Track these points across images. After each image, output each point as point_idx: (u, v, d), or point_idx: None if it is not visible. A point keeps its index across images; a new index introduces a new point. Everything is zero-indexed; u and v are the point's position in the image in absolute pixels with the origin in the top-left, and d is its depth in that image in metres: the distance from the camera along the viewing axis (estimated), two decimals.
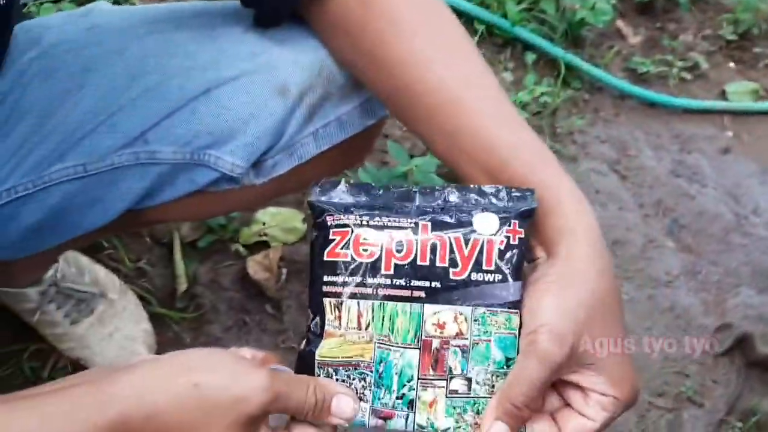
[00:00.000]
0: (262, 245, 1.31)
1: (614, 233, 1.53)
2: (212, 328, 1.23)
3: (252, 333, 1.24)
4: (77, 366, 1.12)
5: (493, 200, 0.60)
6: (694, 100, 1.81)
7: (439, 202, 0.60)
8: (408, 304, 0.59)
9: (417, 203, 0.60)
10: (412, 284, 0.59)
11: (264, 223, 1.32)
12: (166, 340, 1.20)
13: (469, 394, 0.60)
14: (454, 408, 0.60)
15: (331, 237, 0.59)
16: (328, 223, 0.60)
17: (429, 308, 0.59)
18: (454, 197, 0.60)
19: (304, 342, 0.61)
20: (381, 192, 0.61)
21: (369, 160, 1.39)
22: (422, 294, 0.59)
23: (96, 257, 1.20)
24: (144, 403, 0.50)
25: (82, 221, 0.78)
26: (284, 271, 1.30)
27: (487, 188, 0.61)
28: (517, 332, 0.59)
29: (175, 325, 1.21)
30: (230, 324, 1.24)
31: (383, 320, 0.59)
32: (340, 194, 0.61)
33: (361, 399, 0.59)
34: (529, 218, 0.60)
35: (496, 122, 0.63)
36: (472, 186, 0.61)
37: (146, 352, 1.13)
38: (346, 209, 0.60)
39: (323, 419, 0.56)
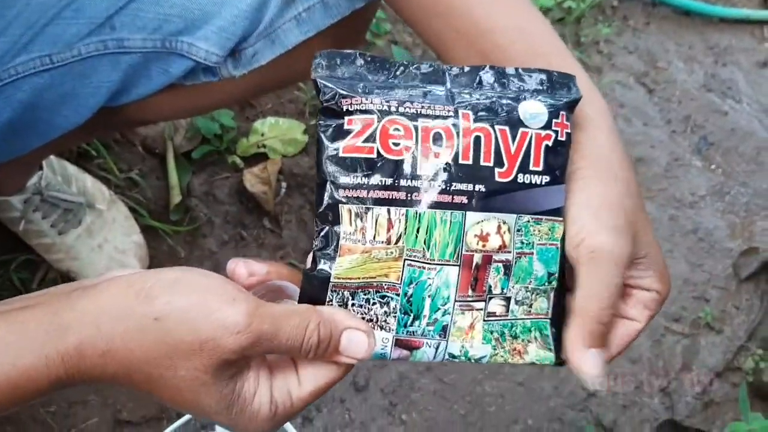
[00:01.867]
0: (260, 157, 1.27)
1: (638, 150, 1.46)
2: (208, 242, 1.20)
3: (249, 248, 1.21)
4: (66, 278, 1.10)
5: (537, 86, 0.52)
6: (732, 8, 1.70)
7: (475, 85, 0.51)
8: (448, 212, 0.49)
9: (449, 86, 0.51)
10: (453, 187, 0.49)
11: (263, 134, 1.27)
12: (159, 254, 1.17)
13: (507, 315, 0.52)
14: (491, 333, 0.52)
15: (347, 126, 0.48)
16: (344, 108, 0.48)
17: (471, 217, 0.50)
18: (490, 79, 0.51)
19: (310, 260, 0.50)
20: (402, 70, 0.51)
21: None
22: (464, 199, 0.49)
23: (85, 167, 1.17)
24: (100, 336, 0.44)
25: (57, 120, 0.74)
26: (283, 184, 1.26)
27: (528, 72, 0.52)
28: (559, 243, 0.52)
29: (169, 238, 1.19)
30: (226, 238, 1.21)
31: (419, 231, 0.49)
32: (357, 69, 0.50)
33: (381, 328, 0.50)
34: (573, 110, 0.52)
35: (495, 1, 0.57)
36: (509, 68, 0.52)
37: (138, 264, 1.11)
38: (367, 90, 0.49)
39: (331, 359, 0.48)
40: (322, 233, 0.49)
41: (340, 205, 0.49)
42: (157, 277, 0.45)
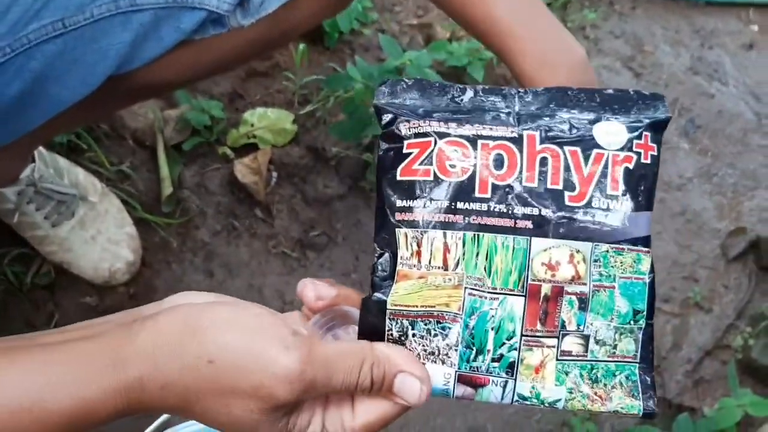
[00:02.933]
0: (250, 148, 1.29)
1: None
2: (200, 233, 1.23)
3: (242, 238, 1.24)
4: (60, 270, 1.12)
5: (616, 105, 0.49)
6: None
7: (546, 106, 0.49)
8: (510, 236, 0.47)
9: (517, 108, 0.49)
10: (515, 211, 0.47)
11: (252, 125, 1.29)
12: (152, 245, 1.19)
13: (586, 356, 0.47)
14: (566, 374, 0.47)
15: (406, 150, 0.48)
16: (402, 132, 0.48)
17: (538, 243, 0.46)
18: (563, 100, 0.49)
19: (370, 287, 0.50)
20: (467, 94, 0.50)
21: (360, 56, 1.34)
22: (529, 224, 0.47)
23: (76, 160, 1.19)
24: (159, 370, 0.45)
25: (63, 93, 0.74)
26: (274, 174, 1.28)
27: (606, 91, 0.49)
28: (647, 277, 0.48)
29: (162, 230, 1.21)
30: (219, 229, 1.24)
31: (477, 257, 0.47)
32: (419, 95, 0.50)
33: (443, 362, 0.47)
34: (662, 132, 0.49)
35: None
36: (584, 88, 0.50)
37: (131, 256, 1.13)
38: (426, 113, 0.48)
39: (386, 399, 0.48)
40: (380, 258, 0.49)
41: (396, 229, 0.48)
42: (212, 316, 0.46)
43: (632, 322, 0.48)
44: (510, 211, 0.47)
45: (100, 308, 1.13)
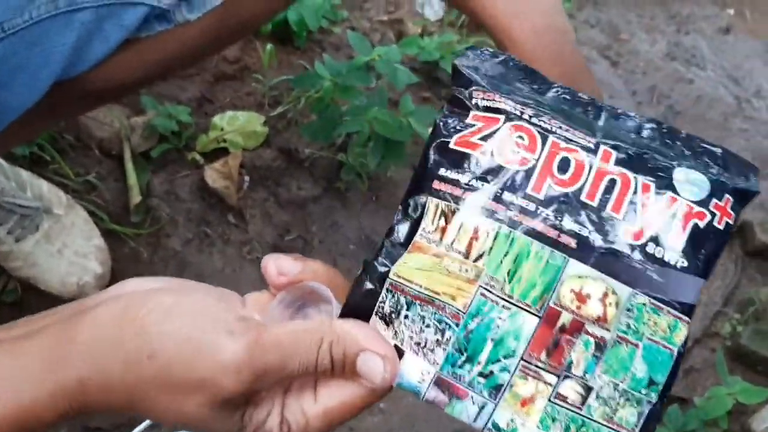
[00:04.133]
0: (220, 153, 1.27)
1: None
2: (171, 242, 1.20)
3: (215, 245, 1.21)
4: (27, 286, 1.09)
5: (706, 158, 0.44)
6: None
7: (633, 132, 0.45)
8: (548, 248, 0.42)
9: (601, 122, 0.45)
10: (563, 224, 0.42)
11: (222, 129, 1.27)
12: (122, 257, 1.17)
13: (580, 409, 0.42)
14: (554, 420, 0.42)
15: (470, 120, 0.44)
16: (473, 101, 0.45)
17: (575, 266, 0.42)
18: (653, 133, 0.45)
19: (376, 250, 0.45)
20: (554, 90, 0.46)
21: (331, 55, 1.33)
22: (572, 243, 0.42)
23: (39, 173, 1.16)
24: (98, 369, 0.42)
25: (12, 99, 0.72)
26: (246, 178, 1.26)
27: (702, 142, 0.45)
28: (677, 350, 0.43)
29: (131, 240, 1.18)
30: (190, 237, 1.21)
31: (505, 257, 0.42)
32: (505, 72, 0.46)
33: (425, 357, 0.43)
34: (745, 202, 0.45)
35: None
36: (681, 131, 0.46)
37: (100, 268, 1.10)
38: (506, 91, 0.45)
39: (351, 380, 0.44)
40: (399, 224, 0.45)
41: (429, 197, 0.44)
42: (151, 304, 0.43)
43: (643, 391, 0.43)
44: (557, 222, 0.42)
45: None
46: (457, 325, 0.42)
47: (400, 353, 0.44)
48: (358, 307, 0.45)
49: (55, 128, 1.17)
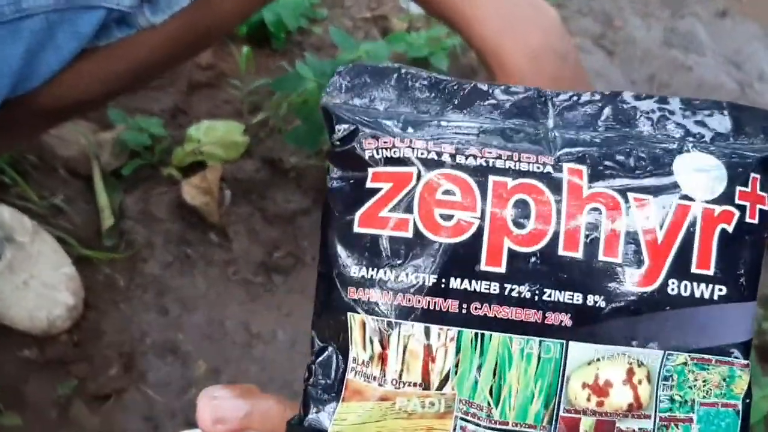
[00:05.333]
0: (198, 166, 1.18)
1: None
2: (149, 267, 1.11)
3: (197, 267, 1.12)
4: None
5: (705, 122, 0.33)
6: None
7: (598, 122, 0.33)
8: (535, 339, 0.31)
9: (551, 123, 0.33)
10: (544, 296, 0.31)
11: (199, 141, 1.18)
12: (96, 284, 1.08)
13: None
14: None
15: (370, 184, 0.31)
16: (366, 154, 0.31)
17: (578, 350, 0.31)
18: (627, 113, 0.33)
19: (300, 403, 0.33)
20: (472, 93, 0.33)
21: (312, 52, 1.25)
22: (566, 320, 0.31)
23: (0, 198, 1.07)
24: None
25: None
26: (227, 193, 1.17)
27: (697, 105, 0.33)
28: (740, 404, 0.32)
29: (105, 267, 1.09)
30: (170, 260, 1.12)
31: (479, 372, 0.31)
32: (395, 93, 0.33)
33: None
34: None
35: None
36: (652, 94, 0.33)
37: (71, 299, 1.01)
38: (407, 125, 0.32)
39: None
40: (319, 356, 0.32)
41: (349, 313, 0.31)
42: None
43: None
44: (536, 298, 0.31)
45: (41, 361, 1.01)
46: None
47: None
48: None
49: (13, 151, 1.08)
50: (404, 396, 0.31)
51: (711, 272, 0.31)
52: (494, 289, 0.31)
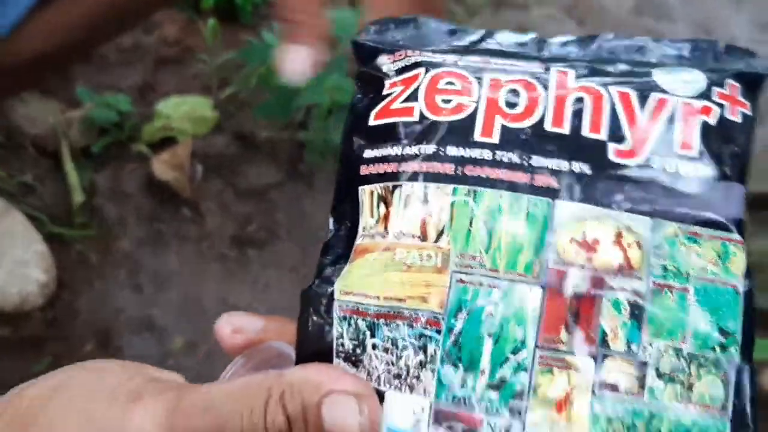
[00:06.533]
0: (168, 142, 1.18)
1: None
2: (121, 244, 1.12)
3: (170, 243, 1.13)
4: None
5: (687, 53, 0.36)
6: None
7: (590, 52, 0.36)
8: (524, 196, 0.33)
9: (546, 53, 0.36)
10: (532, 162, 0.33)
11: (168, 116, 1.19)
12: (68, 263, 1.08)
13: (641, 395, 0.31)
14: (610, 422, 0.31)
15: (386, 91, 0.36)
16: (383, 68, 0.37)
17: (565, 208, 0.33)
18: (615, 46, 0.36)
19: (314, 275, 0.36)
20: (480, 37, 0.38)
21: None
22: (552, 182, 0.33)
23: None
24: None
25: None
26: (198, 168, 1.17)
27: (675, 41, 0.36)
28: (740, 284, 0.32)
29: (78, 244, 1.09)
30: (142, 236, 1.13)
31: (472, 224, 0.33)
32: (416, 32, 0.39)
33: (412, 389, 0.32)
34: (756, 88, 0.35)
35: None
36: (646, 39, 0.37)
37: (43, 276, 1.02)
38: (419, 43, 0.37)
39: None
40: (333, 236, 0.36)
41: (360, 188, 0.35)
42: (32, 392, 0.34)
43: (717, 349, 0.31)
44: (526, 163, 0.33)
45: (15, 339, 1.02)
46: (439, 332, 0.32)
47: (381, 396, 0.33)
48: (312, 357, 0.35)
49: None
50: (403, 247, 0.34)
51: (695, 154, 0.33)
52: (487, 156, 0.34)
